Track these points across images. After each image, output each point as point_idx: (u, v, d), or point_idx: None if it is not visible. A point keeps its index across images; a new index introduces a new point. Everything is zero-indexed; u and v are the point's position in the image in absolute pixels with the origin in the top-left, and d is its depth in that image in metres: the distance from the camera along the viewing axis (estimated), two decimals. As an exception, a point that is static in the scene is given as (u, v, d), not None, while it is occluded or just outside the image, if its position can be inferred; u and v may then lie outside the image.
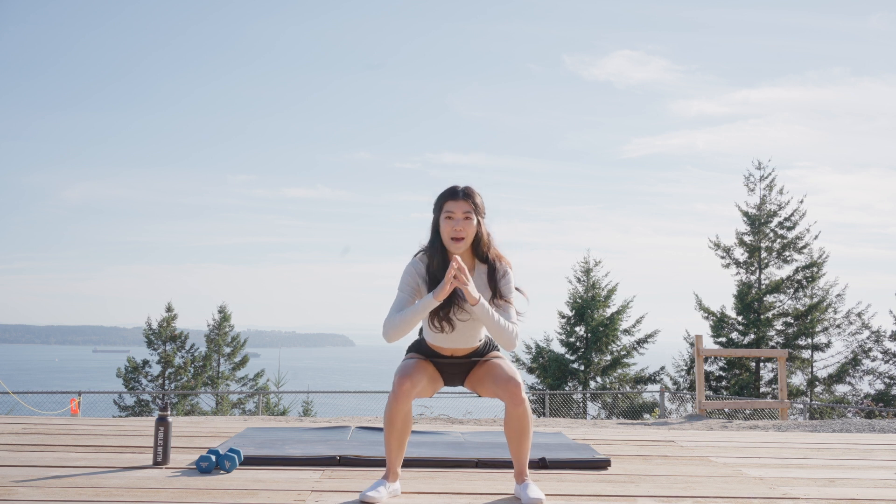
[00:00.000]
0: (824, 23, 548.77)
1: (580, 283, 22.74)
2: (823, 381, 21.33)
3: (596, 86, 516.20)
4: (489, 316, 3.20)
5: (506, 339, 3.22)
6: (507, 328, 3.22)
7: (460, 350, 3.43)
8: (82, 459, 4.01)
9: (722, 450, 4.91)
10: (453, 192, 3.28)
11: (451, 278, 3.13)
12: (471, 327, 3.36)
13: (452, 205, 3.25)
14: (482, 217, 3.31)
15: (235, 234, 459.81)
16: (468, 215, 3.24)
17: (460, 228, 3.23)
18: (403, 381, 3.25)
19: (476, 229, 3.28)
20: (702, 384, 11.03)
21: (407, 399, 3.25)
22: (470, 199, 3.25)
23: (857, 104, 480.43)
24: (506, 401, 3.24)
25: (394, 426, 3.29)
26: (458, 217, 3.24)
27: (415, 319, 3.21)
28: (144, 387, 22.58)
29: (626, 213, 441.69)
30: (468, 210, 3.24)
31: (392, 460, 3.36)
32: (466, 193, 3.27)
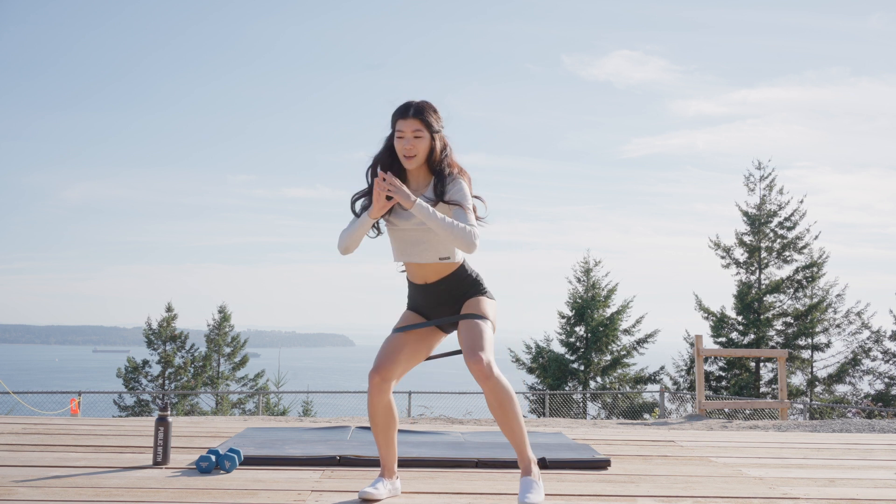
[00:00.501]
0: (823, 23, 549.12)
1: (580, 283, 22.75)
2: (823, 381, 21.34)
3: (595, 86, 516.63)
4: (432, 216, 3.07)
5: (459, 240, 3.07)
6: (457, 227, 3.07)
7: (425, 270, 3.27)
8: (82, 459, 4.01)
9: (722, 450, 4.91)
10: (404, 109, 3.20)
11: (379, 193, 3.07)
12: (421, 237, 3.21)
13: (402, 123, 3.18)
14: (437, 132, 3.20)
15: (235, 234, 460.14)
16: (418, 134, 3.16)
17: (410, 147, 3.17)
18: (373, 376, 3.18)
19: (429, 145, 3.19)
20: (702, 384, 11.03)
21: (380, 393, 3.17)
22: (420, 118, 3.16)
23: (856, 104, 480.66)
24: (474, 377, 3.10)
25: (374, 422, 3.24)
26: (407, 136, 3.17)
27: (354, 235, 3.18)
28: (144, 387, 22.58)
29: (626, 213, 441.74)
30: (418, 128, 3.16)
31: (383, 456, 3.31)
32: (418, 110, 3.17)
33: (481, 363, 3.06)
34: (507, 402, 3.12)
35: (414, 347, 3.30)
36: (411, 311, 3.39)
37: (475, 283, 3.32)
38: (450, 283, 3.29)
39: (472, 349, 3.11)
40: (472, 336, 3.15)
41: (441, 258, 3.23)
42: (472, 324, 3.19)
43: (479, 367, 3.06)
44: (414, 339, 3.31)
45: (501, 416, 3.14)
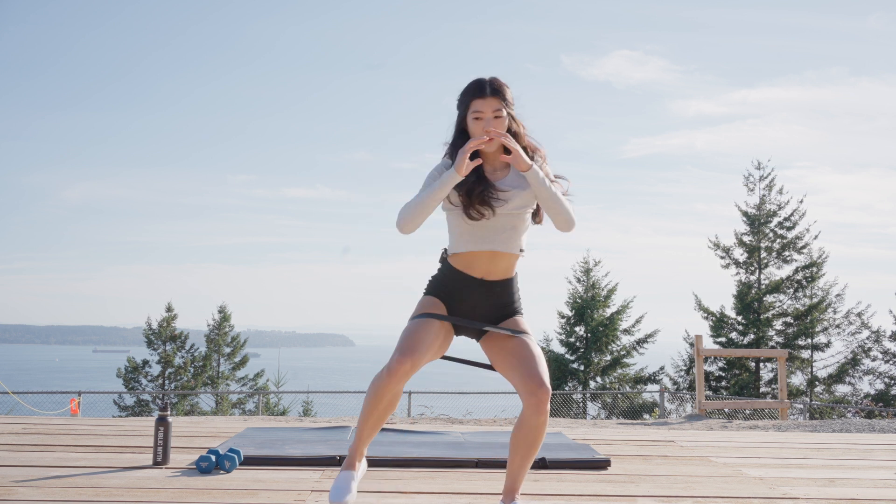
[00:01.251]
0: (823, 23, 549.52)
1: (580, 283, 22.75)
2: (823, 381, 21.34)
3: (595, 86, 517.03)
4: (546, 184, 2.83)
5: (565, 215, 2.87)
6: (567, 203, 2.87)
7: (497, 262, 2.95)
8: (82, 459, 4.01)
9: (722, 450, 4.91)
10: (480, 87, 2.89)
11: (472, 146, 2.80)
12: (510, 224, 2.93)
13: (480, 103, 2.88)
14: (513, 110, 2.94)
15: (235, 234, 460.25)
16: (498, 113, 2.88)
17: (491, 129, 2.85)
18: (404, 361, 2.81)
19: (508, 125, 2.92)
20: (701, 384, 11.03)
21: (401, 380, 2.83)
22: (500, 95, 2.89)
23: (856, 104, 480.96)
24: (526, 405, 2.80)
25: (375, 408, 2.88)
26: (487, 116, 2.88)
27: (432, 200, 2.84)
28: (144, 387, 22.58)
29: (625, 213, 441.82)
30: (498, 108, 2.88)
31: (358, 447, 3.00)
32: (495, 89, 2.89)
33: (547, 395, 2.80)
34: (540, 442, 2.88)
35: (442, 341, 2.98)
36: (436, 299, 3.02)
37: (519, 299, 3.06)
38: (506, 287, 3.00)
39: (538, 374, 2.83)
40: (537, 360, 2.87)
41: (521, 250, 2.98)
42: (534, 347, 2.92)
43: (547, 399, 2.80)
44: (442, 332, 2.97)
45: (527, 453, 2.88)
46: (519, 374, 2.85)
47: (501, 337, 2.97)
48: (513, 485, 2.93)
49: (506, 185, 2.92)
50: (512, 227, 2.93)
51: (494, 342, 2.99)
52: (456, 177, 2.82)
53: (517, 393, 2.86)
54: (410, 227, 2.89)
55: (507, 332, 2.95)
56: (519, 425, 2.85)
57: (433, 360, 3.00)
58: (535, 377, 2.81)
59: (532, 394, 2.79)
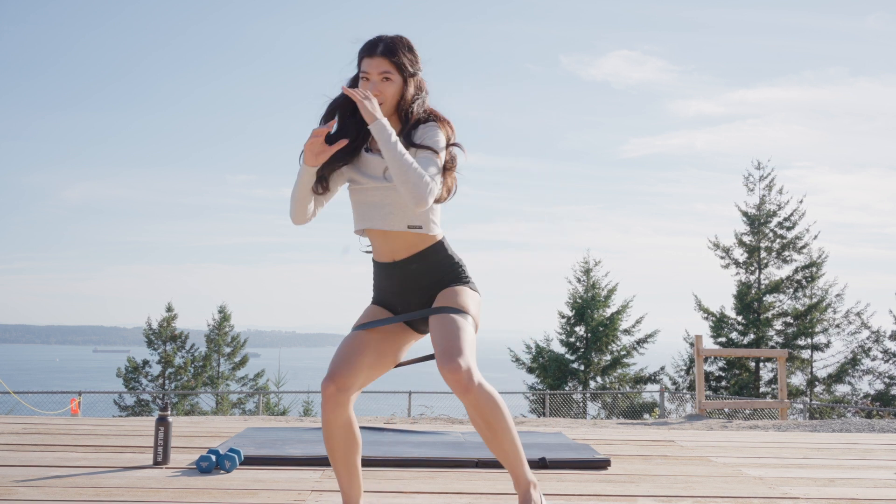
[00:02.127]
0: (821, 23, 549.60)
1: (580, 283, 22.76)
2: (823, 381, 21.35)
3: (594, 86, 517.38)
4: (390, 142, 2.47)
5: (410, 185, 2.45)
6: (413, 169, 2.46)
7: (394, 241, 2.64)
8: (82, 459, 4.01)
9: (722, 450, 4.91)
10: (372, 45, 2.61)
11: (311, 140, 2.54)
12: (386, 198, 2.61)
13: (368, 63, 2.60)
14: (410, 75, 2.63)
15: (235, 234, 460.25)
16: (387, 76, 2.59)
17: (377, 92, 2.58)
18: (327, 385, 2.54)
19: (399, 89, 2.61)
20: (701, 384, 11.03)
21: (336, 407, 2.54)
22: (389, 57, 2.59)
23: (855, 104, 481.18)
24: (450, 386, 2.43)
25: (330, 446, 2.61)
26: (374, 78, 2.60)
27: (296, 193, 2.62)
28: (144, 387, 22.59)
29: (625, 213, 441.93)
30: (386, 70, 2.59)
31: (345, 491, 2.67)
32: (388, 48, 2.60)
33: (458, 371, 2.40)
34: (494, 417, 2.48)
35: (378, 350, 2.65)
36: (376, 306, 2.75)
37: (455, 267, 2.68)
38: (423, 263, 2.64)
39: (448, 353, 2.44)
40: (448, 336, 2.48)
41: (411, 226, 2.61)
42: (448, 319, 2.53)
43: (456, 376, 2.40)
44: (378, 340, 2.66)
45: (488, 434, 2.51)
46: (437, 354, 2.49)
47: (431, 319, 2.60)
48: (513, 475, 2.61)
49: (378, 154, 2.63)
50: (391, 201, 2.60)
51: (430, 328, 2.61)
52: (306, 168, 2.58)
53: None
54: (296, 220, 2.67)
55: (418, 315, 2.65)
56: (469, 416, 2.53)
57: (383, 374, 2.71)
58: (446, 354, 2.44)
59: (445, 374, 2.43)
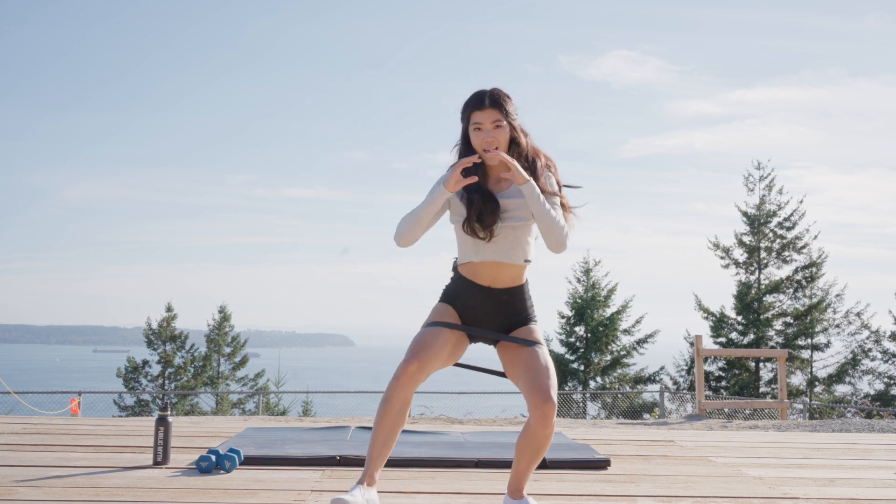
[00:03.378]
0: (820, 23, 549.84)
1: (580, 283, 22.75)
2: (823, 381, 21.34)
3: (593, 86, 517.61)
4: (539, 201, 2.85)
5: (556, 234, 2.86)
6: (559, 222, 2.87)
7: (502, 272, 2.98)
8: (82, 459, 4.02)
9: (722, 450, 4.91)
10: (479, 99, 2.94)
11: (464, 164, 2.85)
12: (512, 235, 2.96)
13: (479, 115, 2.93)
14: (514, 120, 2.97)
15: (235, 234, 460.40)
16: (498, 124, 2.92)
17: (491, 140, 2.91)
18: (410, 362, 2.84)
19: (509, 134, 2.96)
20: (701, 384, 11.03)
21: (410, 384, 2.84)
22: (498, 106, 2.92)
23: (854, 104, 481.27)
24: (534, 416, 2.84)
25: (386, 418, 2.88)
26: (486, 127, 2.92)
27: (424, 214, 2.91)
28: (144, 387, 22.58)
29: (625, 213, 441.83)
30: (497, 119, 2.92)
31: (373, 460, 2.91)
32: (494, 99, 2.93)
33: (553, 409, 2.83)
34: (545, 450, 2.93)
35: (453, 349, 3.01)
36: (449, 307, 3.07)
37: (532, 307, 3.07)
38: (514, 296, 3.02)
39: (545, 388, 2.84)
40: (545, 372, 2.88)
41: (526, 260, 3.01)
42: (543, 356, 2.93)
43: (553, 413, 2.83)
44: (453, 340, 3.00)
45: (532, 459, 2.94)
46: (528, 385, 2.87)
47: (514, 346, 2.99)
48: (518, 484, 2.99)
49: (508, 195, 2.96)
50: (514, 238, 2.96)
51: (507, 350, 3.01)
52: (444, 192, 2.88)
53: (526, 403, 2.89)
54: (407, 241, 2.97)
55: (518, 341, 2.98)
56: (525, 432, 2.89)
57: (444, 367, 3.03)
58: (543, 391, 2.83)
59: (538, 407, 2.82)
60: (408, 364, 2.84)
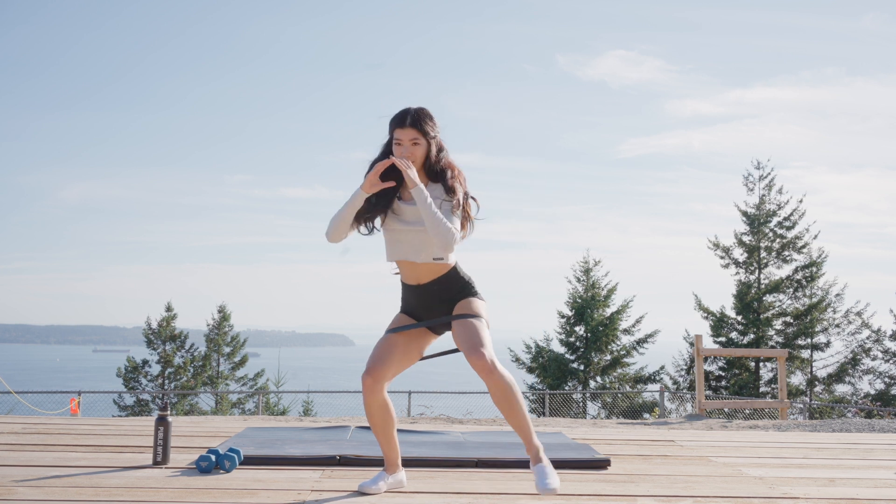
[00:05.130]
0: (818, 23, 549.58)
1: (580, 282, 22.76)
2: (823, 381, 21.35)
3: (591, 86, 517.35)
4: (426, 203, 3.18)
5: (441, 237, 3.17)
6: (444, 224, 3.18)
7: (418, 270, 3.34)
8: (82, 459, 4.01)
9: (722, 449, 4.91)
10: (402, 118, 3.29)
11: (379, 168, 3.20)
12: (417, 238, 3.29)
13: (400, 132, 3.27)
14: (433, 138, 3.31)
15: (234, 234, 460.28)
16: (416, 141, 3.27)
17: (408, 155, 3.27)
18: (365, 378, 3.29)
19: (425, 151, 3.29)
20: (701, 384, 11.03)
21: (373, 393, 3.29)
22: (418, 126, 3.26)
23: (852, 104, 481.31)
24: (477, 374, 3.18)
25: (372, 422, 3.37)
26: (405, 144, 3.27)
27: (343, 213, 3.27)
28: (144, 386, 22.58)
29: (623, 213, 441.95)
30: (415, 137, 3.26)
31: (385, 452, 3.43)
32: (415, 119, 3.27)
33: (483, 358, 3.13)
34: (512, 395, 3.18)
35: (405, 349, 3.37)
36: (404, 314, 3.46)
37: (467, 284, 3.38)
38: (442, 284, 3.35)
39: (473, 346, 3.17)
40: (471, 333, 3.22)
41: (435, 258, 3.30)
42: (468, 322, 3.26)
43: (483, 362, 3.12)
44: (406, 341, 3.38)
45: (507, 409, 3.19)
46: (463, 350, 3.22)
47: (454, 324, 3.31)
48: (524, 439, 3.26)
49: (409, 203, 3.31)
50: (420, 241, 3.29)
51: (452, 331, 3.34)
52: (361, 193, 3.26)
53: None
54: (334, 237, 3.32)
55: (444, 320, 3.33)
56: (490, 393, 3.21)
57: (409, 366, 3.41)
58: (471, 347, 3.18)
59: (473, 364, 3.16)
60: (364, 381, 3.29)
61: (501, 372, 3.16)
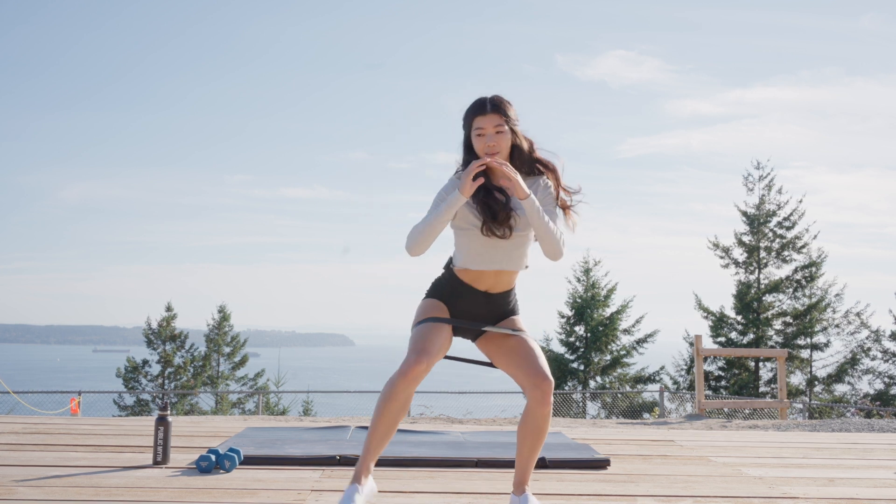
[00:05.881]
0: (816, 23, 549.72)
1: (580, 282, 22.76)
2: (823, 381, 21.35)
3: (590, 86, 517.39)
4: (539, 215, 2.89)
5: (553, 245, 2.92)
6: (556, 232, 2.93)
7: (501, 278, 3.05)
8: (82, 459, 4.02)
9: (722, 449, 4.91)
10: (481, 105, 2.99)
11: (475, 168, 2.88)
12: (519, 241, 3.01)
13: (482, 120, 2.96)
14: (516, 126, 3.01)
15: (234, 233, 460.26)
16: (499, 129, 2.96)
17: (493, 144, 2.95)
18: (420, 360, 2.86)
19: (511, 140, 3.00)
20: (701, 384, 11.03)
21: (414, 381, 2.86)
22: (500, 111, 2.97)
23: (851, 104, 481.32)
24: (531, 397, 2.91)
25: (387, 414, 2.88)
26: (489, 132, 2.96)
27: (440, 222, 2.93)
28: (144, 386, 22.59)
29: (623, 213, 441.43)
30: (499, 123, 2.96)
31: (370, 450, 2.93)
32: (495, 105, 2.97)
33: (551, 387, 2.92)
34: (546, 432, 2.99)
35: (445, 342, 3.04)
36: (440, 302, 3.10)
37: (516, 300, 3.17)
38: (508, 297, 3.11)
39: (540, 367, 2.94)
40: (537, 356, 2.98)
41: (526, 266, 3.09)
42: (532, 343, 3.03)
43: (550, 390, 2.91)
44: (445, 335, 3.04)
45: (534, 443, 2.98)
46: (522, 369, 2.96)
47: (499, 336, 3.08)
48: (522, 476, 3.03)
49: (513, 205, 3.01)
50: (520, 246, 3.02)
51: (492, 342, 3.09)
52: (461, 199, 2.90)
53: (521, 388, 2.97)
54: (419, 249, 2.97)
55: (506, 331, 3.05)
56: (524, 418, 2.97)
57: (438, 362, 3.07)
58: (539, 371, 2.93)
59: (536, 387, 2.90)
60: (417, 363, 2.84)
61: (552, 407, 2.96)
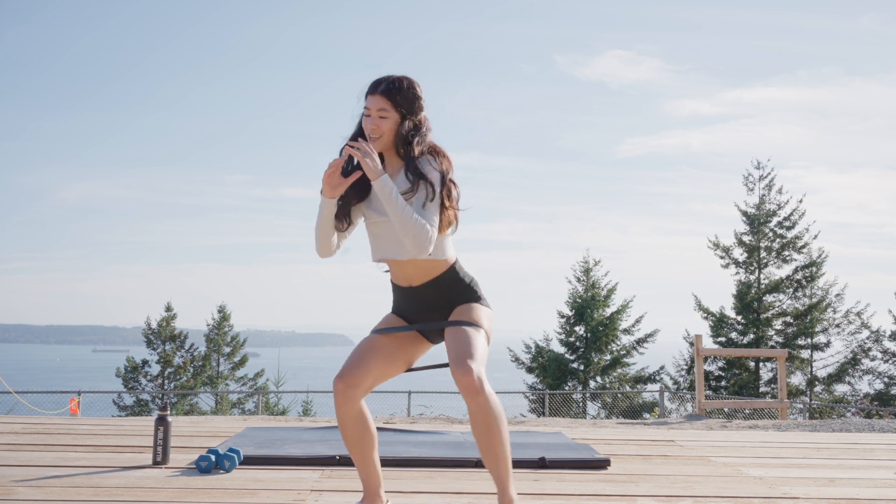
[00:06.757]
0: (815, 23, 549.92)
1: (580, 282, 22.76)
2: (823, 381, 21.35)
3: (589, 86, 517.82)
4: (391, 198, 2.65)
5: (411, 236, 2.64)
6: (414, 219, 2.64)
7: (412, 272, 2.82)
8: (82, 459, 4.01)
9: (722, 449, 4.91)
10: (374, 85, 2.80)
11: (328, 173, 2.73)
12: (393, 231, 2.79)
13: (370, 100, 2.79)
14: (410, 112, 2.78)
15: (234, 233, 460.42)
16: (383, 113, 2.76)
17: (374, 127, 2.76)
18: (337, 382, 2.74)
19: (396, 126, 2.78)
20: (701, 384, 11.03)
21: (346, 401, 2.73)
22: (387, 95, 2.76)
23: (850, 104, 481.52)
24: (461, 392, 2.61)
25: (345, 436, 2.78)
26: (372, 114, 2.77)
27: (318, 226, 2.80)
28: (144, 386, 22.59)
29: (623, 213, 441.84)
30: (383, 107, 2.76)
31: (363, 478, 2.84)
32: (387, 87, 2.77)
33: (470, 375, 2.57)
34: (496, 425, 2.63)
35: (391, 354, 2.84)
36: (395, 315, 2.95)
37: (468, 288, 2.86)
38: (439, 287, 2.83)
39: (460, 359, 2.62)
40: (461, 344, 2.67)
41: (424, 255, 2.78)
42: (462, 331, 2.73)
43: (468, 379, 2.57)
44: (393, 346, 2.85)
45: (487, 441, 2.65)
46: (450, 360, 2.68)
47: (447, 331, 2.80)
48: (497, 485, 2.73)
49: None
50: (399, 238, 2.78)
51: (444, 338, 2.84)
52: (324, 200, 2.77)
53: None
54: (321, 252, 2.85)
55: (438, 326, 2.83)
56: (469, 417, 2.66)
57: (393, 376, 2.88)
58: (458, 360, 2.63)
59: (457, 381, 2.61)
60: (335, 385, 2.74)
61: (488, 395, 2.60)
